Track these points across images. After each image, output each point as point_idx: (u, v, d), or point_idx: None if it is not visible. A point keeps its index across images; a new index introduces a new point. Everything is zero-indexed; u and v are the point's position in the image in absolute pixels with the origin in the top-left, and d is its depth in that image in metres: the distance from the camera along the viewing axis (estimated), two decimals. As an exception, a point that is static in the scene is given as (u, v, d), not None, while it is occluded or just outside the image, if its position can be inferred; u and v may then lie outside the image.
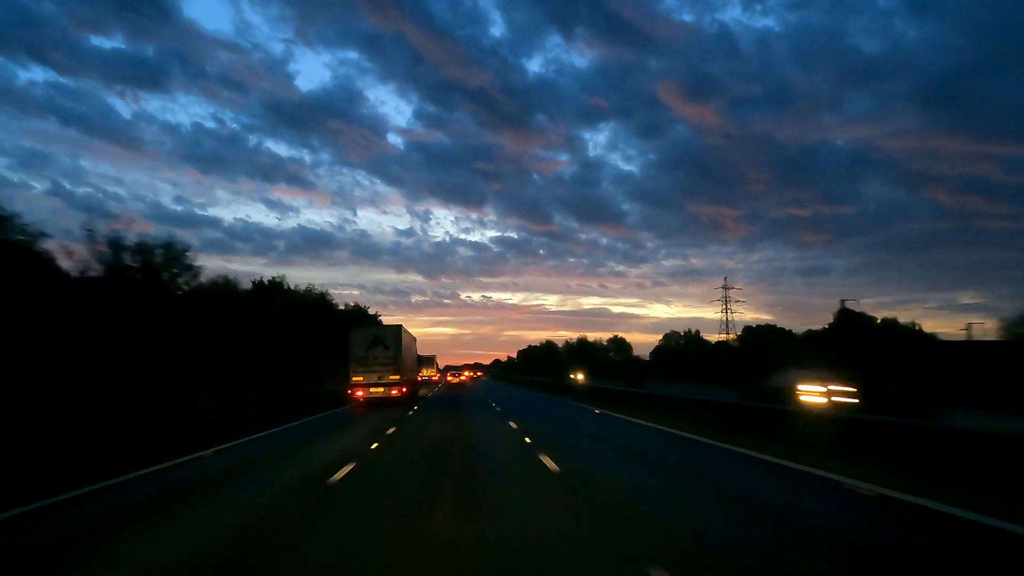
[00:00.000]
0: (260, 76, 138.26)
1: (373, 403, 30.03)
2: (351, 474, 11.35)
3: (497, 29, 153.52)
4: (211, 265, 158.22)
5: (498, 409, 29.32)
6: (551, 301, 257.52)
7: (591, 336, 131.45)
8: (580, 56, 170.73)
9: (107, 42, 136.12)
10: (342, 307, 67.31)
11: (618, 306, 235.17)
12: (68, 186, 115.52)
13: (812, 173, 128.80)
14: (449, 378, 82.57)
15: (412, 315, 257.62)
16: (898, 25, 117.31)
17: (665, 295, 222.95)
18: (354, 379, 30.40)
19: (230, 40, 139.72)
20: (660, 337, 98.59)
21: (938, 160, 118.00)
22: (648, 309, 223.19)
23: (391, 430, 19.42)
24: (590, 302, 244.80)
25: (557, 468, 11.64)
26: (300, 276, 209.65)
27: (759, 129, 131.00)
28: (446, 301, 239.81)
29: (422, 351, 63.13)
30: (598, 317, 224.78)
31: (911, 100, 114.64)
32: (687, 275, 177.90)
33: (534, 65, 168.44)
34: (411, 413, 26.53)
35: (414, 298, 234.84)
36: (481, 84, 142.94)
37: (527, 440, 16.40)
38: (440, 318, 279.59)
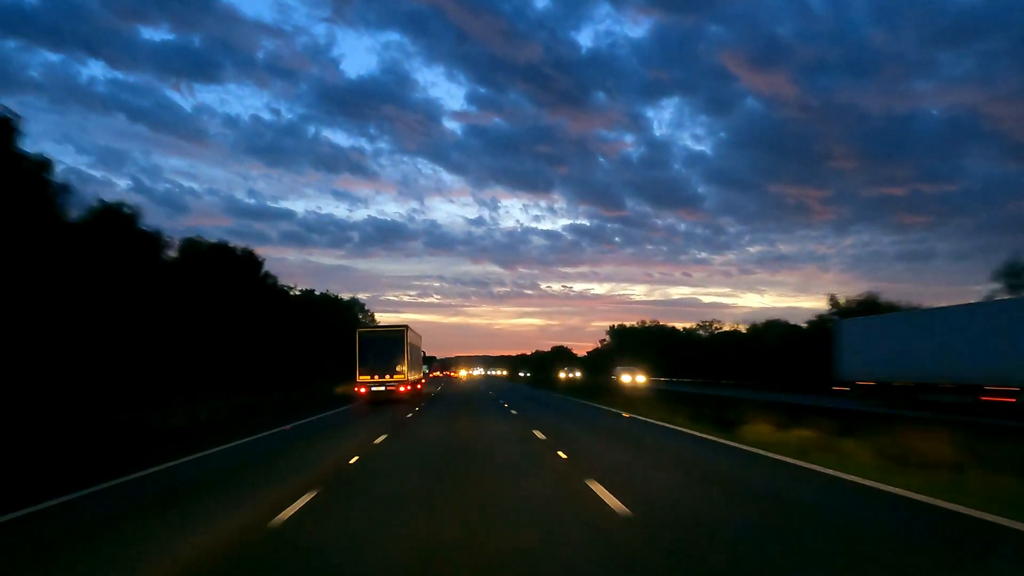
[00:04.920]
0: (306, 62, 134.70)
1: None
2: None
3: (540, 0, 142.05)
4: (292, 259, 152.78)
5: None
6: (638, 291, 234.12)
7: (679, 327, 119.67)
8: (634, 24, 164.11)
9: (155, 33, 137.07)
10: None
11: (708, 295, 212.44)
12: (147, 182, 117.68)
13: (906, 147, 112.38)
14: (451, 375, 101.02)
15: (496, 306, 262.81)
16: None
17: (756, 284, 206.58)
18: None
19: (272, 25, 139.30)
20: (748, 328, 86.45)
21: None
22: (740, 298, 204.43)
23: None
24: (679, 292, 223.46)
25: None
26: (380, 268, 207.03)
27: (841, 99, 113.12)
28: (527, 292, 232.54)
29: (494, 341, 70.97)
30: (687, 307, 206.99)
31: (1017, 58, 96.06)
32: (775, 262, 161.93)
33: (586, 39, 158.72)
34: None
35: (495, 289, 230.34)
36: (532, 61, 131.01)
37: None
38: (526, 309, 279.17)
